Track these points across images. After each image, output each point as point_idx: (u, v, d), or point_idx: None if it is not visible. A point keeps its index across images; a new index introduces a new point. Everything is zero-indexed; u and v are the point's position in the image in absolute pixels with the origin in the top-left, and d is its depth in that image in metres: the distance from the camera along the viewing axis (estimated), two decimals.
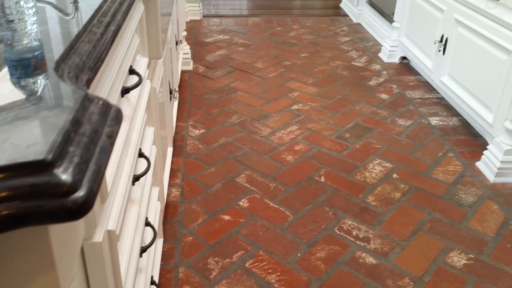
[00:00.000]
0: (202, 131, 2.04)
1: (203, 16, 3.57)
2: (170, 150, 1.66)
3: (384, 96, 2.31)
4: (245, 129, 2.05)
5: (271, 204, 1.58)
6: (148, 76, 1.08)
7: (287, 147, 1.91)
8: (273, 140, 1.96)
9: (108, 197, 0.62)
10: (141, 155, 0.87)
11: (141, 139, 0.89)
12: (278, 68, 2.65)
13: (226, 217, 1.51)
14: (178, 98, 2.21)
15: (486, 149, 1.73)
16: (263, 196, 1.62)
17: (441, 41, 2.08)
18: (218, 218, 1.51)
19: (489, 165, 1.69)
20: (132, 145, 0.80)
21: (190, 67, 2.67)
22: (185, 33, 2.65)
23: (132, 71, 0.84)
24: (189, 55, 2.65)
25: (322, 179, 1.70)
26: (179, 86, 2.43)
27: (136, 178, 0.81)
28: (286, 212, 1.55)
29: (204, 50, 2.93)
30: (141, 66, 0.98)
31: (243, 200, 1.60)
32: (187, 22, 3.41)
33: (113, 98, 0.71)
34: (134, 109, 0.84)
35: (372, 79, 2.50)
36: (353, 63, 2.71)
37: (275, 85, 2.45)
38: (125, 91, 0.77)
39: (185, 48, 2.63)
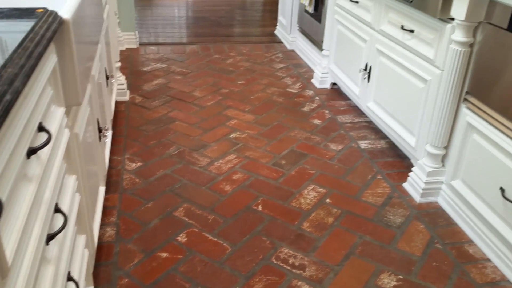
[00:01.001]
0: (139, 164, 2.02)
1: (140, 44, 3.56)
2: (102, 189, 1.63)
3: (317, 121, 2.40)
4: (183, 160, 2.05)
5: (210, 237, 1.59)
6: (68, 123, 1.06)
7: (226, 177, 1.93)
8: (212, 170, 1.98)
9: (10, 271, 0.60)
10: (57, 210, 0.85)
11: (58, 192, 0.87)
12: (215, 96, 2.69)
13: (164, 255, 1.50)
14: (112, 132, 2.18)
15: (412, 170, 1.85)
16: (201, 229, 1.63)
17: (365, 69, 2.21)
18: (155, 256, 1.50)
19: (414, 186, 1.80)
20: (45, 204, 0.79)
21: (126, 97, 2.64)
22: (119, 64, 2.62)
23: (41, 128, 0.82)
24: (124, 86, 2.62)
25: (260, 208, 1.74)
26: (115, 117, 2.40)
27: (50, 237, 0.79)
28: (224, 244, 1.56)
29: (141, 79, 2.92)
30: (56, 118, 0.95)
31: (181, 235, 1.60)
32: (123, 51, 3.38)
33: (17, 163, 0.69)
34: (45, 167, 0.82)
35: (306, 105, 2.59)
36: (287, 89, 2.80)
37: (213, 114, 2.48)
38: (32, 151, 0.75)
39: (120, 78, 2.60)
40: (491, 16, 1.44)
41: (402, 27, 1.86)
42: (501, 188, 1.43)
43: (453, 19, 1.56)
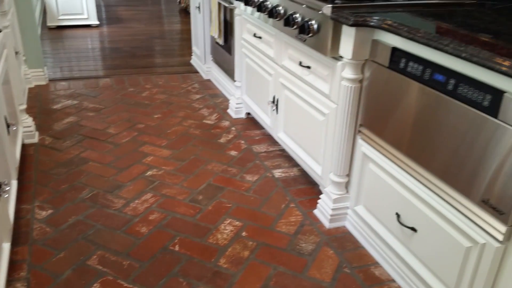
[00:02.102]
0: (49, 212, 1.95)
1: (50, 80, 3.44)
2: (6, 245, 1.56)
3: (233, 152, 2.47)
4: (97, 203, 2.01)
5: (125, 285, 1.57)
6: None
7: (142, 218, 1.92)
8: (127, 212, 1.96)
9: None
10: None
11: None
12: (131, 132, 2.67)
13: None
14: (19, 180, 2.09)
15: (320, 198, 1.95)
16: (116, 277, 1.60)
17: (273, 101, 2.32)
18: None
19: (323, 212, 1.91)
20: None
21: (35, 139, 2.54)
22: (23, 106, 2.52)
23: None
24: (32, 127, 2.52)
25: (177, 248, 1.75)
26: (23, 163, 2.30)
27: None
28: None
29: (51, 118, 2.82)
30: None
31: (95, 285, 1.56)
32: (31, 89, 3.25)
33: None
34: None
35: (222, 136, 2.65)
36: (204, 121, 2.84)
37: (128, 151, 2.45)
38: None
39: (27, 121, 2.50)
40: (375, 54, 1.58)
41: (300, 63, 1.99)
42: (396, 214, 1.56)
43: (342, 57, 1.69)
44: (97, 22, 5.16)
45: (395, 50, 1.48)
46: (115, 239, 1.79)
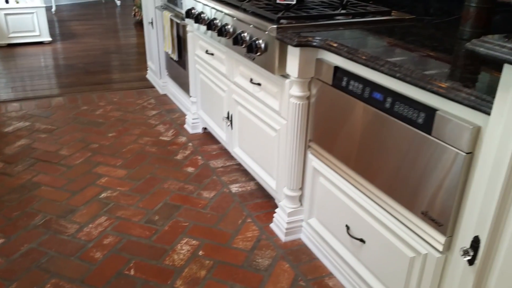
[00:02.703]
0: (1, 241, 1.89)
1: (0, 102, 3.33)
2: None
3: (190, 169, 2.47)
4: (50, 229, 1.96)
5: None
6: None
7: (96, 243, 1.89)
8: (81, 237, 1.92)
9: None
10: None
11: None
12: (85, 153, 2.62)
13: None
14: None
15: (276, 212, 1.98)
16: None
17: (228, 117, 2.34)
18: None
19: (279, 226, 1.94)
20: None
21: None
22: None
23: None
24: None
25: (132, 272, 1.73)
26: None
27: None
28: None
29: (1, 142, 2.73)
30: None
31: None
32: None
33: None
34: None
35: (179, 152, 2.64)
36: (161, 137, 2.83)
37: (82, 173, 2.41)
38: None
39: None
40: (320, 73, 1.63)
41: (251, 80, 2.02)
42: (346, 226, 1.61)
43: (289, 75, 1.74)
44: (50, 39, 5.04)
45: (337, 69, 1.53)
46: (69, 266, 1.76)
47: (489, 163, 0.99)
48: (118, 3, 7.63)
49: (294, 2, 1.96)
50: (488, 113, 1.00)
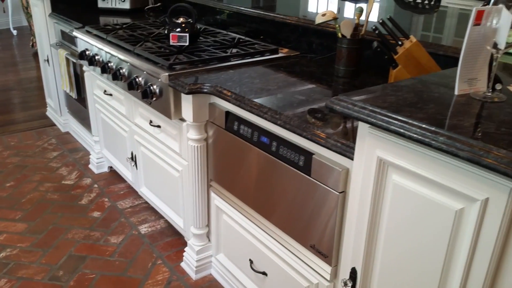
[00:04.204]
0: None
1: None
2: None
3: (96, 213, 2.41)
4: None
5: None
6: None
7: None
8: None
9: None
10: None
11: None
12: None
13: None
14: None
15: (185, 250, 2.01)
16: None
17: (132, 158, 2.33)
18: None
19: (189, 264, 1.97)
20: None
21: None
22: None
23: None
24: None
25: None
26: None
27: None
28: None
29: None
30: None
31: None
32: None
33: None
34: None
35: (84, 196, 2.57)
36: (63, 181, 2.72)
37: None
38: None
39: None
40: (213, 117, 1.70)
41: (151, 122, 2.04)
42: (250, 260, 1.68)
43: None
44: None
45: (228, 114, 1.61)
46: None
47: (356, 200, 1.12)
48: (15, 32, 7.20)
49: (187, 44, 2.03)
50: (352, 158, 1.12)
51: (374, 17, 2.14)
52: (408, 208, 0.98)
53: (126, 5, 3.03)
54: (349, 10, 2.46)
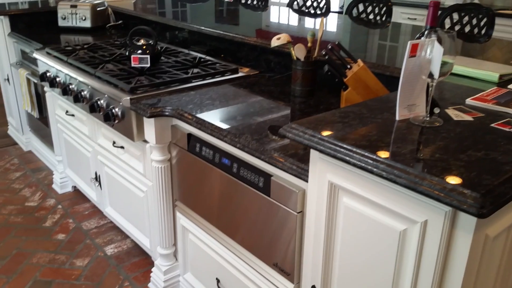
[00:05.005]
0: None
1: None
2: None
3: (61, 236, 2.38)
4: None
5: None
6: None
7: None
8: None
9: None
10: None
11: None
12: None
13: None
14: None
15: (152, 271, 2.02)
16: None
17: (96, 178, 2.32)
18: None
19: (156, 285, 1.98)
20: None
21: None
22: None
23: None
24: None
25: None
26: None
27: None
28: None
29: None
30: None
31: None
32: None
33: None
34: None
35: (48, 218, 2.53)
36: (26, 203, 2.68)
37: None
38: None
39: None
40: (176, 138, 1.73)
41: (114, 143, 2.05)
42: (216, 279, 1.72)
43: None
44: None
45: (190, 136, 1.65)
46: None
47: (312, 221, 1.17)
48: None
49: (148, 65, 2.05)
50: (307, 180, 1.18)
51: (332, 34, 2.23)
52: (358, 228, 1.04)
53: (87, 24, 3.02)
54: (309, 23, 2.55)
